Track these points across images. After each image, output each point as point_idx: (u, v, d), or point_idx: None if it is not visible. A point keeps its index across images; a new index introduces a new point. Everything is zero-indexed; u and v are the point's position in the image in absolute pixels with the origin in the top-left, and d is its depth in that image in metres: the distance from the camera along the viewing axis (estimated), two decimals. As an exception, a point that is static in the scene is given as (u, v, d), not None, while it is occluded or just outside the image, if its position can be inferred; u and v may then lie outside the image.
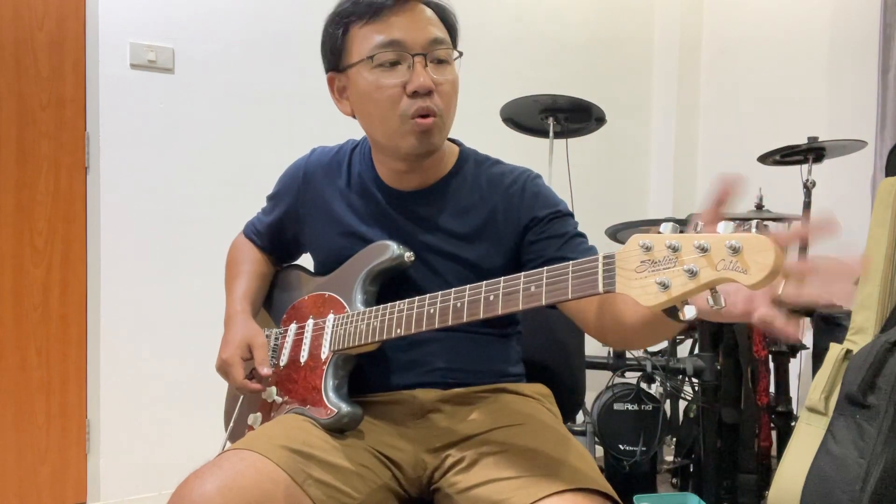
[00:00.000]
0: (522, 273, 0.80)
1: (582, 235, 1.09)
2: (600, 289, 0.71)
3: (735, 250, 0.62)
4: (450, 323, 0.87)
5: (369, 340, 0.98)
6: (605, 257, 0.72)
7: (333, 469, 0.93)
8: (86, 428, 2.19)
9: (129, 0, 2.19)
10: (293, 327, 1.14)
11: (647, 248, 0.67)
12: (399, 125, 1.00)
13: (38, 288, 2.12)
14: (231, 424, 1.18)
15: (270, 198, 1.25)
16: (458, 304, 0.86)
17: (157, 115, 2.25)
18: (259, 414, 1.12)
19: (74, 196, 2.16)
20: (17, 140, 2.08)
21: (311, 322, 1.10)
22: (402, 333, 0.93)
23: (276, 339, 1.16)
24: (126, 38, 2.19)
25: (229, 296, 1.21)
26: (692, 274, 0.64)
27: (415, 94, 0.97)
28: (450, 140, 1.14)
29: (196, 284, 2.27)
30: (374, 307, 0.99)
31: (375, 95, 1.00)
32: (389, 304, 0.96)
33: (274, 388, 1.10)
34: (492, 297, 0.82)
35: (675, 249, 0.65)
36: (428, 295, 0.91)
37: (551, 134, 2.35)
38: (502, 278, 0.83)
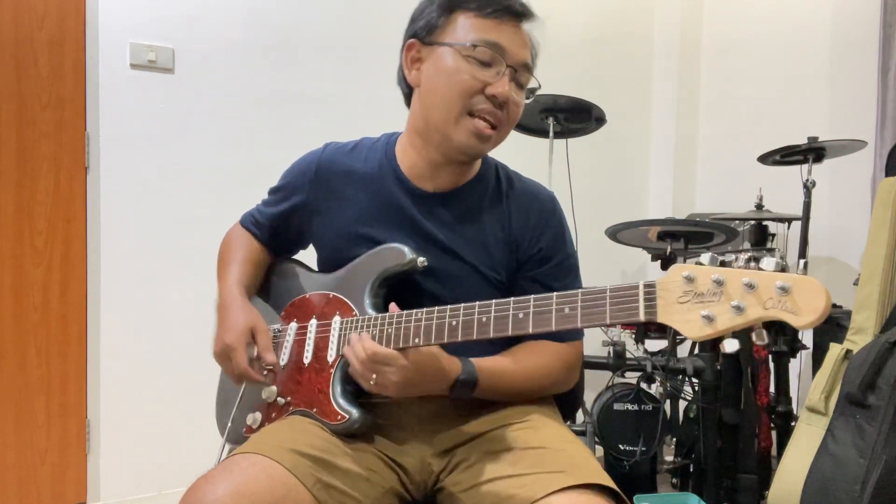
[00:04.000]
0: (555, 293, 0.80)
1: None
2: (641, 317, 0.71)
3: (785, 290, 0.62)
4: (474, 337, 0.86)
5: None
6: (645, 285, 0.71)
7: (342, 473, 0.92)
8: (86, 428, 2.19)
9: (129, 0, 2.19)
10: (293, 326, 1.12)
11: (690, 280, 0.68)
12: (459, 115, 1.01)
13: (38, 288, 2.12)
14: (229, 425, 1.17)
15: (275, 190, 1.22)
16: (484, 319, 0.85)
17: (157, 115, 2.25)
18: (258, 414, 1.10)
19: (74, 196, 2.16)
20: (17, 140, 2.08)
21: (314, 322, 1.08)
22: (421, 344, 0.91)
23: (275, 336, 1.14)
24: (126, 38, 2.19)
25: (223, 281, 1.18)
26: (739, 310, 0.64)
27: (492, 98, 0.99)
28: None
29: (196, 284, 2.27)
30: (389, 314, 0.96)
31: (455, 78, 1.00)
32: (406, 312, 0.94)
33: (274, 388, 1.09)
34: (521, 315, 0.81)
35: (720, 283, 0.66)
36: (449, 307, 0.90)
37: (551, 134, 2.35)
38: (532, 297, 0.81)
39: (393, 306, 0.97)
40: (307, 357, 1.06)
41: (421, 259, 1.02)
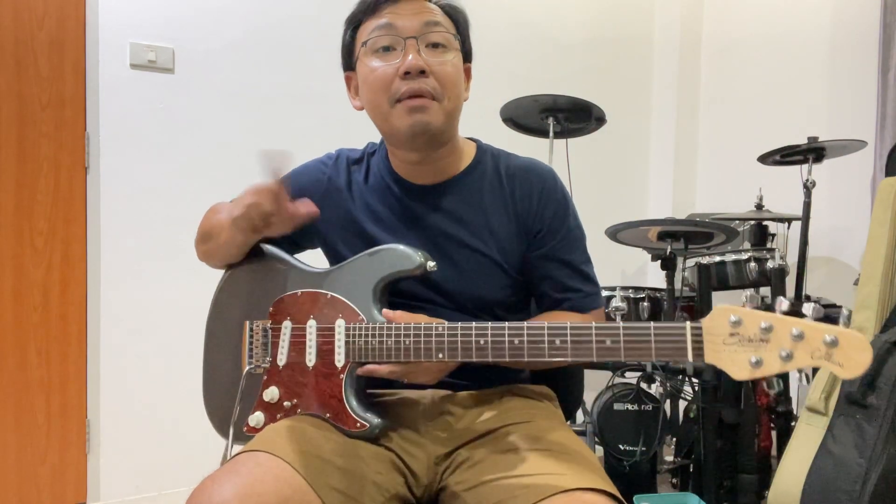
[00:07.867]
0: (594, 324, 0.80)
1: (586, 275, 1.11)
2: (690, 357, 0.74)
3: (832, 343, 0.66)
4: (506, 359, 0.85)
5: (402, 360, 0.93)
6: (692, 327, 0.74)
7: (350, 476, 0.92)
8: (86, 428, 2.19)
9: (129, 0, 2.19)
10: (287, 325, 1.08)
11: (737, 323, 0.71)
12: (390, 107, 1.01)
13: (38, 288, 2.12)
14: (232, 429, 1.15)
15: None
16: (517, 342, 0.84)
17: (157, 115, 2.25)
18: (261, 414, 1.08)
19: (74, 196, 2.16)
20: (17, 140, 2.08)
21: (313, 324, 1.05)
22: (446, 359, 0.90)
23: (265, 334, 1.10)
24: (126, 38, 2.19)
25: (219, 214, 1.22)
26: (787, 358, 0.68)
27: (406, 76, 0.98)
28: (469, 138, 1.15)
29: (196, 284, 2.26)
30: (406, 325, 0.92)
31: (370, 79, 1.01)
32: (424, 325, 0.91)
33: (276, 389, 1.08)
34: (558, 342, 0.81)
35: (768, 330, 0.69)
36: (474, 324, 0.87)
37: (551, 134, 2.35)
38: (569, 324, 0.82)
39: (400, 314, 0.96)
40: (310, 359, 1.03)
41: (431, 264, 0.98)
